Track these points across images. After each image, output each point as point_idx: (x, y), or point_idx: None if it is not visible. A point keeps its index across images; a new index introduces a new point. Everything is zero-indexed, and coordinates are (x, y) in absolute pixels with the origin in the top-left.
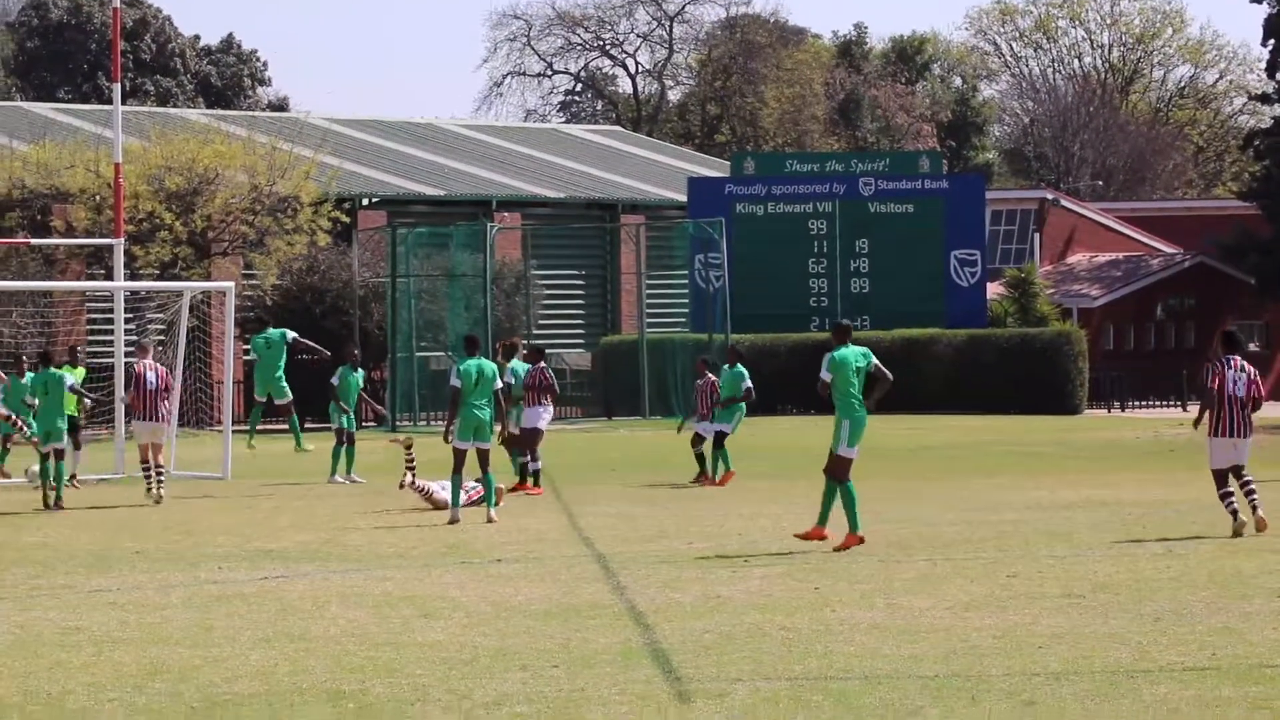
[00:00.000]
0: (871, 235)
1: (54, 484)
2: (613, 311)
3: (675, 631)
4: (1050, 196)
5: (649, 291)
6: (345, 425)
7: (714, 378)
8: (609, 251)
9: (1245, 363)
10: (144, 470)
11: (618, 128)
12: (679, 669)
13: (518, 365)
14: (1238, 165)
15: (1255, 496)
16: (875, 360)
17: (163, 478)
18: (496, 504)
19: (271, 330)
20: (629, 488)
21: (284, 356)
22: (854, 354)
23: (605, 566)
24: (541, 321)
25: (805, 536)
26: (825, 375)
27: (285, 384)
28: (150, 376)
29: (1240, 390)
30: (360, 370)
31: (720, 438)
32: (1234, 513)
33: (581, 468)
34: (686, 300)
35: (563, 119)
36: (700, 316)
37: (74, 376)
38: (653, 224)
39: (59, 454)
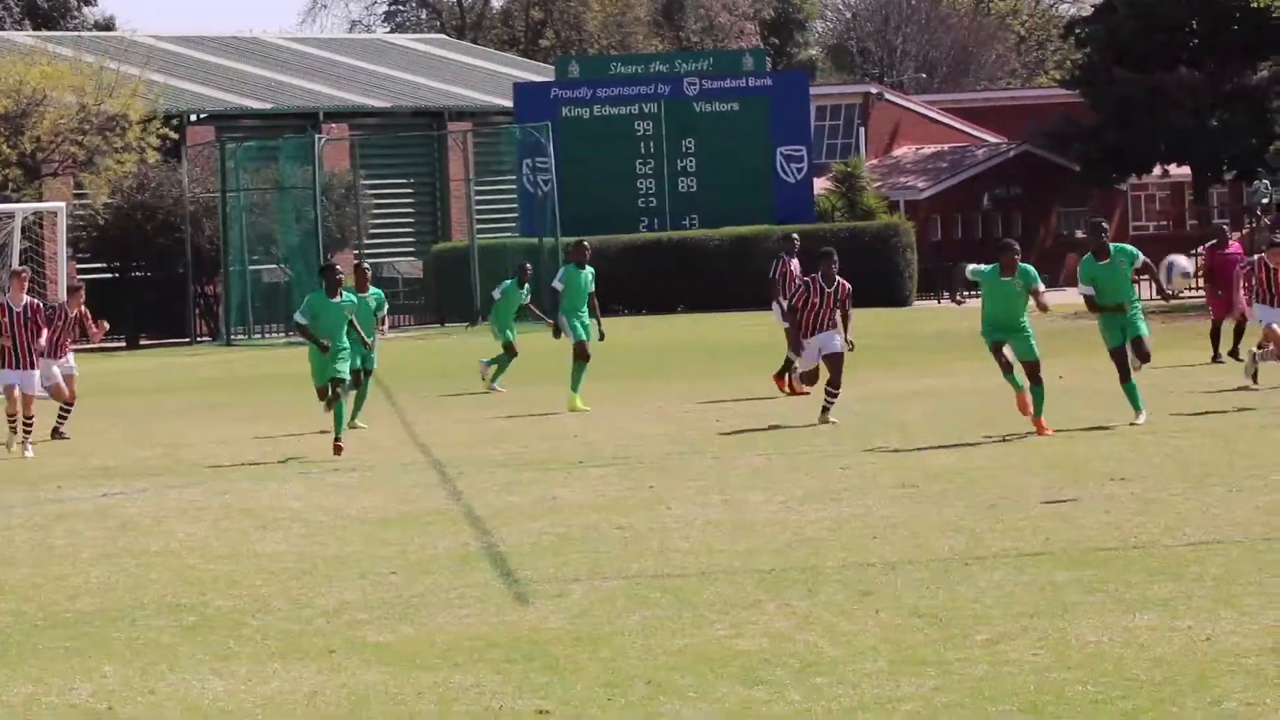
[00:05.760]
0: (697, 135)
1: None
2: (442, 219)
3: (513, 534)
4: (874, 91)
5: (478, 198)
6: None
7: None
8: (437, 159)
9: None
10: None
11: (442, 35)
12: (517, 571)
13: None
14: (1060, 54)
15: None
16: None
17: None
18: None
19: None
20: (465, 394)
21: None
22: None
23: (442, 473)
24: (372, 231)
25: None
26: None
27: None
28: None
29: (820, 299)
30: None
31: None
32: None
33: (415, 375)
34: (516, 205)
35: (387, 29)
36: (530, 221)
37: None
38: (480, 131)
39: None
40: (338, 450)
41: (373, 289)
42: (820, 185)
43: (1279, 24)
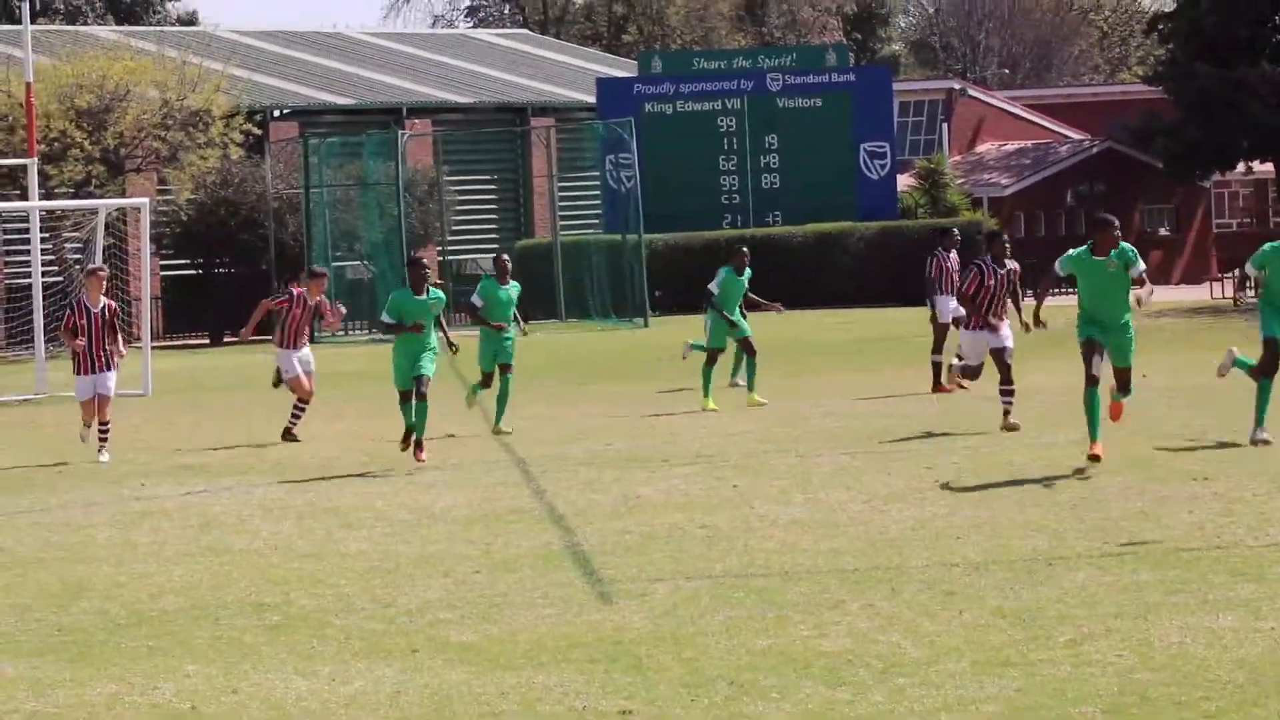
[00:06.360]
0: (780, 131)
1: None
2: (525, 215)
3: (596, 533)
4: (957, 86)
5: (561, 194)
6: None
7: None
8: (520, 155)
9: (988, 260)
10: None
11: (525, 30)
12: (600, 570)
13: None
14: (1143, 50)
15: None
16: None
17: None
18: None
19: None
20: (547, 390)
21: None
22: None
23: (524, 470)
24: (455, 227)
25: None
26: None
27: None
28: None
29: (995, 281)
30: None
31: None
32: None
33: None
34: (599, 202)
35: (470, 24)
36: (613, 217)
37: None
38: (563, 126)
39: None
40: (418, 455)
41: (512, 282)
42: (903, 182)
43: None
